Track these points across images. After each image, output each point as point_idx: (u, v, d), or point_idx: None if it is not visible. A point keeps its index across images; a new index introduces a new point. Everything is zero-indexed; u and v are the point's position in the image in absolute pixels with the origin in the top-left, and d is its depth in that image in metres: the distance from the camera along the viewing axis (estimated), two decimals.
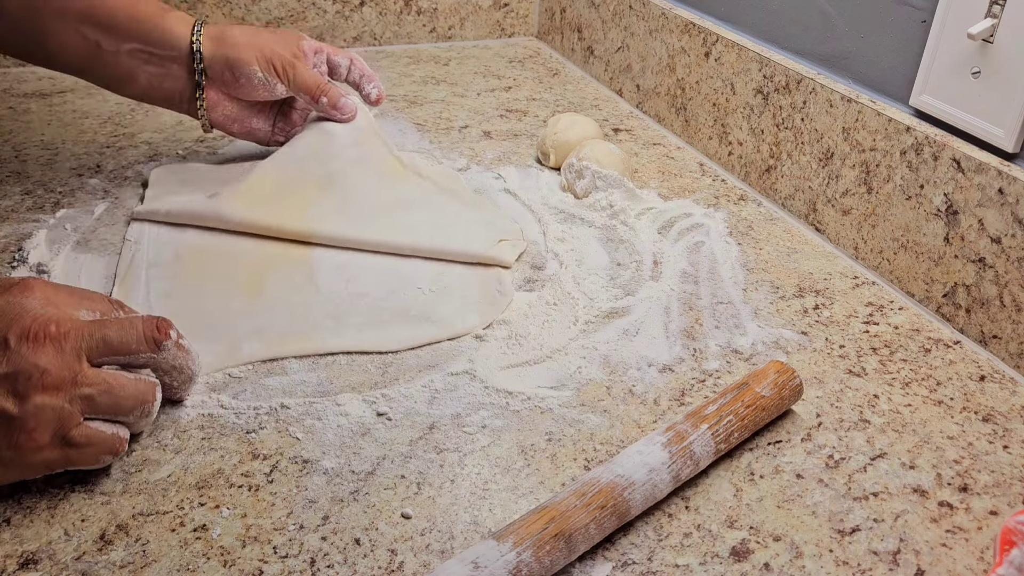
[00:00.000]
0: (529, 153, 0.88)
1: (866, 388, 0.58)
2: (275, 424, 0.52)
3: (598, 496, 0.44)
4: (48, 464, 0.44)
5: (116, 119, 0.89)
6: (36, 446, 0.42)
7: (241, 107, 0.75)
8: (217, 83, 0.72)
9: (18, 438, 0.42)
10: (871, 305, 0.68)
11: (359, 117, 0.74)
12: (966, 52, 0.63)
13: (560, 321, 0.63)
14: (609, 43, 1.06)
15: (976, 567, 0.46)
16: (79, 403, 0.43)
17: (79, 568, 0.43)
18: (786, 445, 0.53)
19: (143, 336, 0.46)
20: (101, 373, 0.44)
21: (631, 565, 0.45)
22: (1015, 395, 0.59)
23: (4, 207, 0.72)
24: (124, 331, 0.45)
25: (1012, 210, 0.60)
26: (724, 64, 0.86)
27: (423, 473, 0.49)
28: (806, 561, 0.46)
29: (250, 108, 0.75)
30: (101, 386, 0.44)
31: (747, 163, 0.85)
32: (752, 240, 0.75)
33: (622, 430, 0.53)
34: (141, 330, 0.46)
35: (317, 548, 0.45)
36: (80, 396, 0.43)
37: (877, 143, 0.70)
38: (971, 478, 0.52)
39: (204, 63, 0.70)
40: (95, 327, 0.45)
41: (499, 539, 0.42)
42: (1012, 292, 0.61)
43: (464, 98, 1.01)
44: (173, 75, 0.71)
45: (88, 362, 0.44)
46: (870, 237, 0.72)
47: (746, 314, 0.65)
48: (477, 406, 0.55)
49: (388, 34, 1.16)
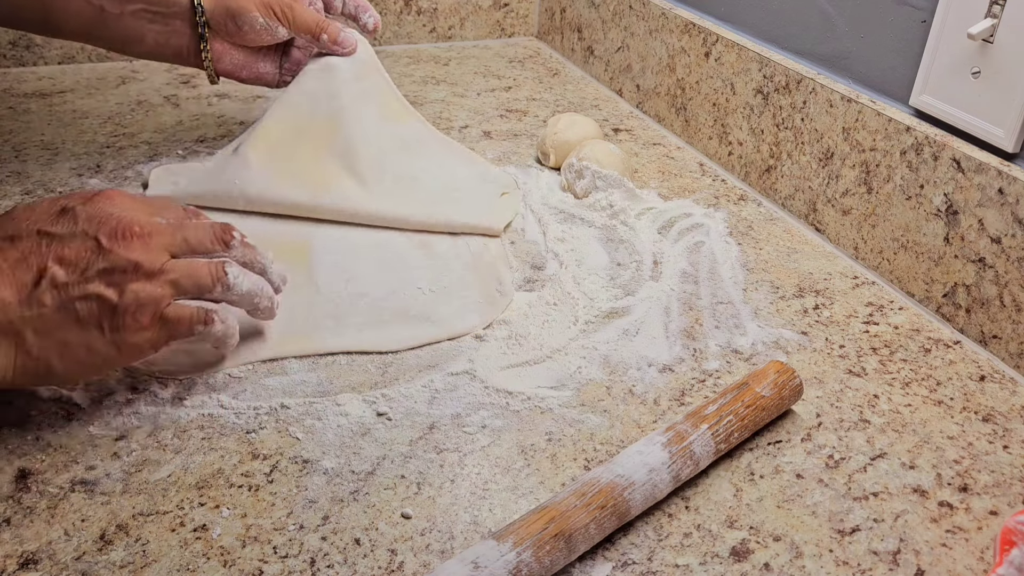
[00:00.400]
0: (529, 153, 0.88)
1: (866, 388, 0.59)
2: (275, 424, 0.52)
3: (598, 496, 0.44)
4: (152, 342, 0.49)
5: (116, 119, 0.89)
6: (139, 327, 0.47)
7: (247, 54, 0.77)
8: (221, 34, 0.74)
9: (123, 321, 0.47)
10: (871, 305, 0.68)
11: (359, 49, 0.76)
12: (966, 52, 0.63)
13: (560, 321, 0.63)
14: (609, 43, 1.06)
15: (976, 567, 0.46)
16: (168, 287, 0.48)
17: (79, 568, 0.43)
18: (786, 445, 0.53)
19: (215, 236, 0.52)
20: (182, 261, 0.50)
21: (631, 565, 0.45)
22: (1015, 395, 0.59)
23: (4, 207, 0.72)
24: (199, 231, 0.51)
25: (1012, 210, 0.60)
26: (724, 64, 0.86)
27: (423, 473, 0.49)
28: (806, 561, 0.46)
29: (256, 54, 0.78)
30: (184, 271, 0.49)
31: (747, 163, 0.85)
32: (752, 240, 0.75)
33: (622, 430, 0.53)
34: (211, 231, 0.52)
35: (317, 548, 0.45)
36: (168, 281, 0.48)
37: (877, 143, 0.70)
38: (971, 478, 0.52)
39: (206, 16, 0.72)
40: (175, 228, 0.51)
41: (499, 539, 0.42)
42: (1012, 292, 0.61)
43: (464, 98, 1.01)
44: (178, 31, 0.73)
45: (171, 256, 0.49)
46: (870, 237, 0.72)
47: (746, 314, 0.65)
48: (477, 406, 0.55)
49: (388, 34, 1.16)
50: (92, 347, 0.47)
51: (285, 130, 0.73)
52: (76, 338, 0.46)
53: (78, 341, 0.46)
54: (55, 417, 0.52)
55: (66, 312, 0.46)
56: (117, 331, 0.47)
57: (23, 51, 1.00)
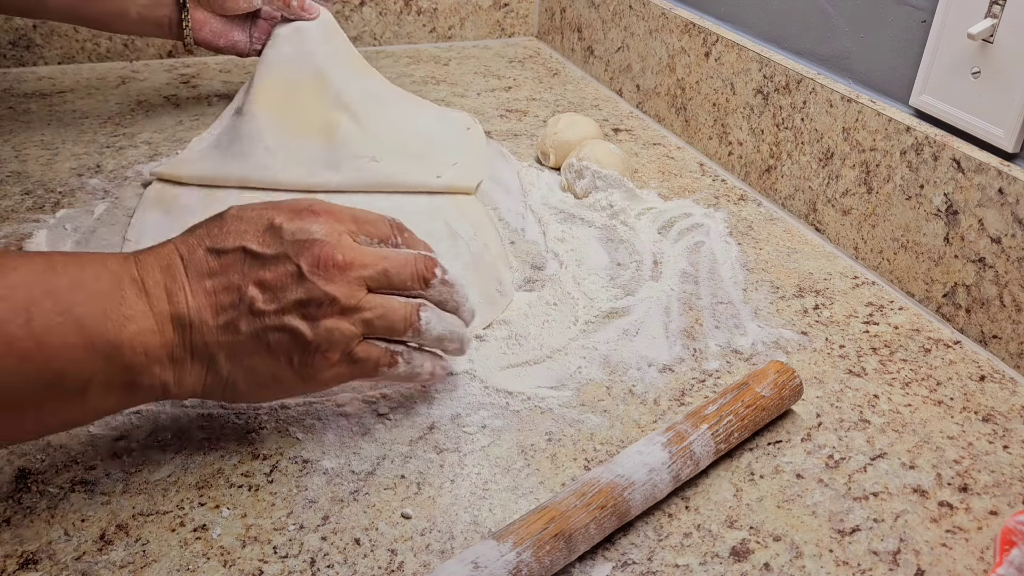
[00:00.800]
0: (529, 153, 0.88)
1: (866, 388, 0.59)
2: (275, 424, 0.52)
3: (598, 496, 0.44)
4: (337, 377, 0.48)
5: (116, 119, 0.89)
6: (328, 363, 0.47)
7: (223, 23, 0.85)
8: (202, 3, 0.82)
9: (313, 358, 0.47)
10: (871, 305, 0.68)
11: (322, 14, 0.82)
12: (966, 52, 0.63)
13: (560, 321, 0.63)
14: (609, 43, 1.06)
15: (976, 567, 0.46)
16: (360, 325, 0.48)
17: (79, 568, 0.43)
18: (786, 445, 0.53)
19: (415, 274, 0.50)
20: (378, 298, 0.48)
21: (631, 565, 0.45)
22: (1015, 395, 0.59)
23: (4, 207, 0.72)
24: (401, 268, 0.49)
25: (1012, 210, 0.60)
26: (724, 64, 0.86)
27: (423, 473, 0.49)
28: (806, 561, 0.46)
29: (230, 23, 0.85)
30: (378, 311, 0.48)
31: (747, 163, 0.85)
32: (752, 240, 0.75)
33: (622, 430, 0.53)
34: (414, 268, 0.50)
35: (317, 548, 0.45)
36: (362, 320, 0.47)
37: (877, 143, 0.70)
38: (971, 478, 0.52)
39: None
40: (376, 260, 0.49)
41: (499, 539, 0.42)
42: (1012, 292, 0.61)
43: (464, 98, 1.01)
44: (161, 2, 0.80)
45: (367, 290, 0.48)
46: (870, 237, 0.72)
47: (746, 314, 0.65)
48: (477, 406, 0.55)
49: (388, 34, 1.16)
50: (278, 376, 0.47)
51: (280, 89, 0.78)
52: (264, 366, 0.46)
53: (265, 369, 0.46)
54: None
55: (258, 341, 0.46)
56: (305, 365, 0.47)
57: (23, 51, 1.00)
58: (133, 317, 0.43)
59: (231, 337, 0.45)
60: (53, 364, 0.40)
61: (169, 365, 0.44)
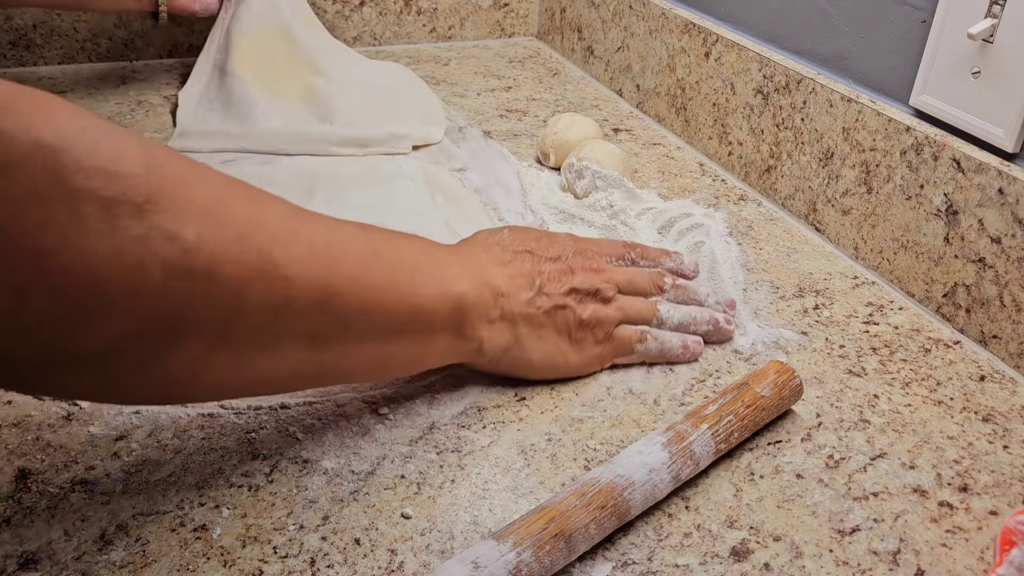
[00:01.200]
0: (529, 153, 0.88)
1: (866, 388, 0.59)
2: (275, 424, 0.52)
3: (598, 496, 0.44)
4: (600, 357, 0.57)
5: (116, 119, 0.89)
6: (595, 340, 0.57)
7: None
8: None
9: (584, 333, 0.56)
10: (871, 305, 0.68)
11: None
12: (966, 52, 0.63)
13: None
14: (609, 43, 1.06)
15: (976, 567, 0.46)
16: (618, 312, 0.58)
17: (79, 568, 0.43)
18: (786, 445, 0.53)
19: (652, 282, 0.61)
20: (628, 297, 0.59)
21: (631, 565, 0.45)
22: (1015, 395, 0.59)
23: None
24: (641, 278, 0.60)
25: (1012, 210, 0.60)
26: (724, 64, 0.86)
27: (423, 473, 0.49)
28: (806, 561, 0.46)
29: None
30: (628, 303, 0.59)
31: (747, 163, 0.85)
32: (752, 240, 0.75)
33: (622, 430, 0.53)
34: (650, 278, 0.61)
35: (317, 548, 0.45)
36: (617, 307, 0.58)
37: (877, 143, 0.70)
38: (971, 478, 0.52)
39: None
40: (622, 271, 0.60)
41: (499, 539, 0.42)
42: (1012, 292, 0.61)
43: (464, 98, 1.01)
44: None
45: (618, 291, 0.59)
46: (870, 237, 0.72)
47: (746, 314, 0.65)
48: (477, 406, 0.55)
49: (388, 34, 1.16)
50: (561, 350, 0.55)
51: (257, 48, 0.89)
52: (551, 340, 0.55)
53: (551, 342, 0.55)
54: (55, 417, 0.52)
55: (549, 316, 0.54)
56: (578, 342, 0.56)
57: (23, 51, 1.00)
58: (463, 276, 0.51)
59: (532, 310, 0.54)
60: (413, 300, 0.48)
61: (487, 324, 0.52)
